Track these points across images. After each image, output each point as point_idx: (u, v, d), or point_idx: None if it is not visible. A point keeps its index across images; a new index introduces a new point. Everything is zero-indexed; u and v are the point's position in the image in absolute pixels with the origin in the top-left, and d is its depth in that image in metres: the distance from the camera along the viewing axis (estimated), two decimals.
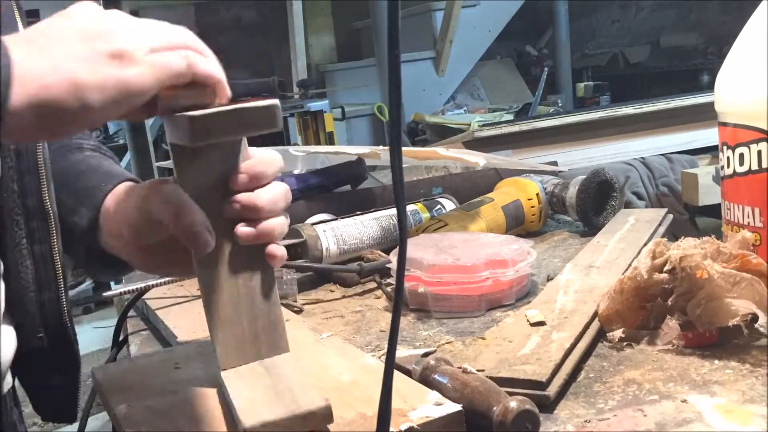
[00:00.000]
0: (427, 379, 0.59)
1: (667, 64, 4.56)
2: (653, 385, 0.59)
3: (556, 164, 1.63)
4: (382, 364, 0.60)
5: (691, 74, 4.13)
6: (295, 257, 0.97)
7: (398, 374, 0.56)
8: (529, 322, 0.70)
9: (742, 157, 0.76)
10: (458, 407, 0.53)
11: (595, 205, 1.10)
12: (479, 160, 1.15)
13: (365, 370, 0.62)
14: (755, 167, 0.75)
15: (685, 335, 0.65)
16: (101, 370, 0.67)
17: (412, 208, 1.12)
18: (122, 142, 3.15)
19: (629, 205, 1.69)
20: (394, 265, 0.87)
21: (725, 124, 0.79)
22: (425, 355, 0.63)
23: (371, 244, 1.04)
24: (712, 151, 1.92)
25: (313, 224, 1.02)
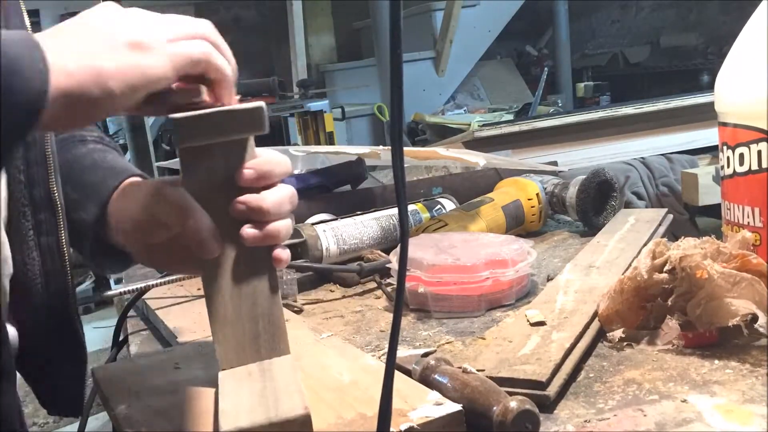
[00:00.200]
0: (427, 379, 0.59)
1: (667, 64, 4.56)
2: (653, 385, 0.59)
3: (556, 164, 1.63)
4: (382, 364, 0.60)
5: (691, 74, 4.13)
6: (295, 257, 0.97)
7: (398, 374, 0.56)
8: (529, 322, 0.70)
9: (742, 157, 0.76)
10: (458, 407, 0.53)
11: (595, 205, 1.10)
12: (479, 160, 1.15)
13: (365, 370, 0.62)
14: (755, 167, 0.75)
15: (685, 335, 0.65)
16: (101, 370, 0.67)
17: (412, 208, 1.12)
18: (122, 142, 3.15)
19: (629, 205, 1.69)
20: (394, 265, 0.87)
21: (725, 124, 0.79)
22: (425, 355, 0.63)
23: (371, 244, 1.04)
24: (712, 151, 1.92)
25: (313, 224, 1.02)
